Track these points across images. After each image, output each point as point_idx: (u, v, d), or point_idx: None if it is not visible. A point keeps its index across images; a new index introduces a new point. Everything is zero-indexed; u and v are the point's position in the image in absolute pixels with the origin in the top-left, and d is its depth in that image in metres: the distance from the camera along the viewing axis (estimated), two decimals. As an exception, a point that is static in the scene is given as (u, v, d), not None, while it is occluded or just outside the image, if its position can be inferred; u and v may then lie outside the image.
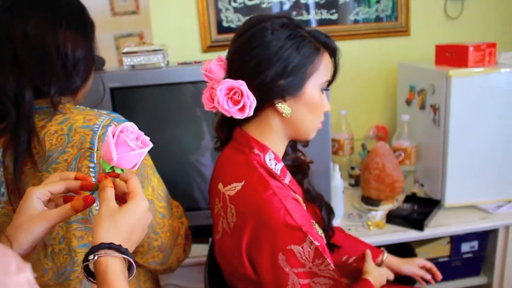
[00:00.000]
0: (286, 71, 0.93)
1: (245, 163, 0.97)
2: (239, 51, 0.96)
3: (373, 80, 2.19)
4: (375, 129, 2.18)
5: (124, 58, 1.57)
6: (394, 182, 1.75)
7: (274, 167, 1.00)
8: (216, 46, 1.98)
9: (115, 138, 0.70)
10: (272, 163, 1.00)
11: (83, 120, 0.90)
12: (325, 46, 0.99)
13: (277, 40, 0.93)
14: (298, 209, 0.92)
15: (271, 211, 0.88)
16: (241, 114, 0.92)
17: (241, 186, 0.93)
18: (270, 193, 0.90)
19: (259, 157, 0.99)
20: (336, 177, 1.72)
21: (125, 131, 0.71)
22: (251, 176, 0.94)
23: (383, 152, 1.77)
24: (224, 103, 0.92)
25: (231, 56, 0.98)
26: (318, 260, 0.89)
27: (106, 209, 0.69)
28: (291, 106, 0.97)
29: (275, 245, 0.88)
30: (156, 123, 1.57)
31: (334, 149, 2.06)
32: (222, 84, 0.92)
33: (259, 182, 0.92)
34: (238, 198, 0.93)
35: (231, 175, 0.97)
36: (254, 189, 0.91)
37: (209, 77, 0.98)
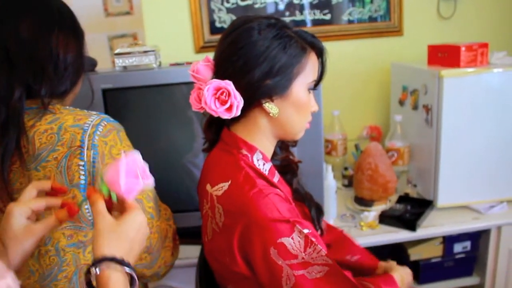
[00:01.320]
0: (273, 71, 0.93)
1: (232, 163, 0.98)
2: (226, 51, 0.96)
3: (366, 80, 2.19)
4: (368, 130, 2.18)
5: (116, 59, 1.57)
6: (387, 183, 1.75)
7: (262, 167, 1.00)
8: (209, 47, 1.98)
9: (125, 165, 0.70)
10: (260, 163, 1.00)
11: (73, 119, 0.92)
12: (312, 46, 0.99)
13: (264, 40, 0.93)
14: (284, 203, 0.93)
15: (258, 208, 0.89)
16: (228, 114, 0.93)
17: (228, 186, 0.94)
18: (257, 191, 0.91)
19: (246, 157, 0.99)
20: (329, 177, 1.72)
21: (135, 161, 0.72)
22: (237, 176, 0.94)
23: (376, 152, 1.77)
24: (211, 103, 0.92)
25: (218, 56, 0.99)
26: (309, 249, 0.90)
27: (103, 223, 0.69)
28: (278, 106, 0.97)
29: (266, 240, 0.89)
30: (148, 125, 1.57)
31: (327, 150, 2.07)
32: (209, 84, 0.93)
33: (246, 181, 0.93)
34: (225, 198, 0.94)
35: (219, 175, 0.97)
36: (241, 188, 0.92)
37: (197, 77, 0.98)
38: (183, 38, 2.01)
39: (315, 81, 1.02)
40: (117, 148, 0.94)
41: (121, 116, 1.53)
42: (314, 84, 1.02)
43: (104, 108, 1.48)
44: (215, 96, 0.93)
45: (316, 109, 1.05)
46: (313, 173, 1.58)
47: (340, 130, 2.06)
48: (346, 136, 2.08)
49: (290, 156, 1.16)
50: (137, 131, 1.58)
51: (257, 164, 0.99)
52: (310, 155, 1.55)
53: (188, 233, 1.38)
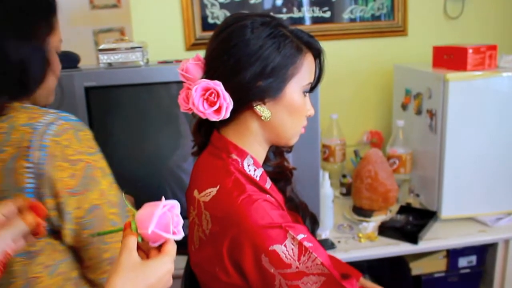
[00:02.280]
0: (266, 71, 0.93)
1: (221, 168, 0.98)
2: (216, 49, 0.96)
3: (367, 82, 2.20)
4: (368, 135, 2.19)
5: (101, 55, 1.57)
6: (387, 192, 1.76)
7: (253, 173, 1.01)
8: (200, 44, 1.98)
9: (162, 211, 0.71)
10: (251, 168, 1.00)
11: (27, 118, 0.91)
12: (309, 46, 1.00)
13: (257, 39, 0.93)
14: (275, 209, 0.93)
15: (247, 214, 0.89)
16: (217, 116, 0.93)
17: (216, 191, 0.94)
18: (246, 197, 0.91)
19: (237, 162, 0.99)
20: (326, 185, 1.73)
21: (173, 211, 0.72)
22: (226, 181, 0.94)
23: (376, 159, 1.78)
24: (199, 104, 0.92)
25: (209, 55, 0.99)
26: (304, 257, 0.90)
27: (127, 259, 0.69)
28: (271, 109, 0.97)
29: (257, 247, 0.89)
30: (134, 126, 1.57)
31: (325, 156, 2.07)
32: (198, 84, 0.93)
33: (235, 186, 0.93)
34: (213, 204, 0.94)
35: (207, 181, 0.98)
36: (229, 194, 0.92)
37: (186, 77, 0.98)
38: (173, 34, 2.00)
39: (311, 84, 1.02)
40: (73, 149, 0.91)
41: (105, 117, 1.54)
42: (310, 87, 1.02)
43: (87, 108, 1.48)
44: (203, 97, 0.93)
45: (312, 113, 1.05)
46: (309, 180, 1.58)
47: (339, 135, 2.06)
48: (345, 141, 2.08)
49: (284, 163, 1.16)
50: (122, 133, 1.58)
51: (247, 169, 0.99)
52: (306, 161, 1.55)
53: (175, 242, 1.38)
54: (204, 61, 1.00)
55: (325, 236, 1.69)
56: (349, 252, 1.61)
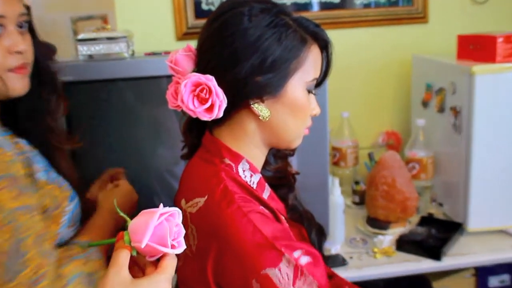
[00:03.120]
0: (265, 65, 0.93)
1: (212, 175, 0.98)
2: (209, 39, 0.97)
3: (383, 76, 2.20)
4: (384, 136, 2.19)
5: (80, 46, 1.57)
6: (406, 200, 1.76)
7: (249, 179, 1.01)
8: (193, 33, 1.99)
9: (158, 221, 0.69)
10: (246, 174, 1.01)
11: None
12: (314, 37, 1.00)
13: (255, 28, 0.93)
14: (268, 223, 0.93)
15: (236, 230, 0.89)
16: (209, 115, 0.93)
17: (203, 202, 0.94)
18: (235, 208, 0.91)
19: (230, 168, 0.99)
20: (336, 193, 1.73)
21: (171, 220, 0.71)
22: (215, 190, 0.94)
23: (393, 163, 1.78)
24: (189, 102, 0.93)
25: (201, 45, 0.99)
26: (299, 281, 0.90)
27: (115, 277, 0.68)
28: (270, 107, 0.98)
29: (247, 270, 0.88)
30: (118, 126, 1.57)
31: (335, 160, 2.07)
32: (187, 78, 0.93)
33: (223, 196, 0.93)
34: (200, 216, 0.94)
35: (195, 189, 0.98)
36: (217, 205, 0.92)
37: (175, 69, 0.99)
38: (162, 23, 2.01)
39: (316, 80, 1.02)
40: None
41: (84, 116, 1.55)
42: (315, 83, 1.03)
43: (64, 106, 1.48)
44: (193, 93, 0.93)
45: (317, 112, 1.05)
46: (316, 187, 1.58)
47: (350, 136, 2.06)
48: (358, 143, 2.09)
49: (286, 167, 1.17)
50: (105, 134, 1.58)
51: (242, 175, 1.00)
52: (313, 166, 1.55)
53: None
54: (196, 52, 1.00)
55: (335, 251, 1.69)
56: (362, 270, 1.60)
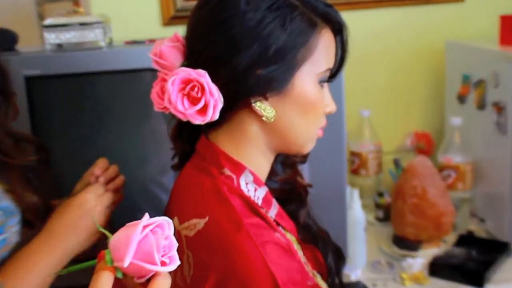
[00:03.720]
0: (267, 56, 0.93)
1: (211, 190, 0.97)
2: (200, 27, 0.97)
3: (410, 66, 2.21)
4: (413, 138, 2.19)
5: (46, 33, 1.57)
6: (440, 216, 1.76)
7: (254, 193, 1.01)
8: (182, 17, 1.99)
9: (141, 235, 0.68)
10: (250, 188, 1.00)
11: None
12: (326, 19, 0.99)
13: (255, 11, 0.93)
14: (283, 259, 0.92)
15: (242, 263, 0.89)
16: (202, 117, 0.92)
17: (203, 224, 0.93)
18: (243, 237, 0.90)
19: (231, 180, 0.99)
20: (355, 207, 1.73)
21: (159, 232, 0.70)
22: (218, 210, 0.94)
23: (424, 171, 1.78)
24: (177, 102, 0.92)
25: (190, 34, 0.99)
26: None
27: None
28: (275, 106, 0.97)
29: None
30: (93, 129, 1.57)
31: (353, 167, 2.08)
32: (176, 75, 0.92)
33: (229, 219, 0.92)
34: (198, 241, 0.93)
35: (191, 207, 0.97)
36: (221, 230, 0.92)
37: (160, 64, 0.99)
38: (145, 5, 2.02)
39: (330, 70, 1.02)
40: None
41: (52, 117, 1.55)
42: (329, 74, 1.03)
43: (28, 105, 1.48)
44: (183, 91, 0.92)
45: (332, 109, 1.05)
46: (332, 201, 1.58)
47: (372, 138, 2.07)
48: (381, 147, 2.09)
49: (296, 177, 1.17)
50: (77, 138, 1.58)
51: (245, 189, 1.00)
52: (328, 175, 1.55)
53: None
54: (185, 42, 1.00)
55: (355, 277, 1.69)
56: (388, 300, 1.61)
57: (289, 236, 1.05)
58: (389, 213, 1.96)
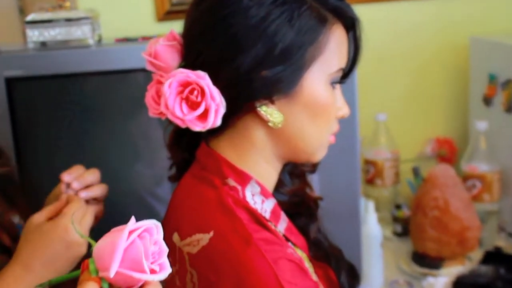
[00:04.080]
0: (273, 55, 0.93)
1: (214, 202, 0.98)
2: (198, 24, 0.97)
3: (431, 65, 2.21)
4: (434, 144, 2.19)
5: (29, 30, 1.58)
6: (464, 230, 1.76)
7: (261, 206, 1.01)
8: (178, 12, 2.00)
9: (127, 242, 0.68)
10: (257, 200, 1.01)
11: None
12: (337, 14, 1.00)
13: (259, 6, 0.93)
14: (298, 278, 0.92)
15: (253, 282, 0.89)
16: (202, 124, 0.93)
17: (208, 240, 0.93)
18: (253, 252, 0.90)
19: (236, 191, 0.99)
20: (371, 221, 1.74)
21: (147, 237, 0.70)
22: (223, 224, 0.94)
23: (446, 180, 1.78)
24: (175, 107, 0.92)
25: (188, 32, 1.00)
26: None
27: None
28: (282, 110, 0.98)
29: None
30: (81, 136, 1.57)
31: (368, 176, 2.08)
32: (173, 77, 0.93)
33: (237, 233, 0.93)
34: (203, 259, 0.93)
35: (193, 221, 0.98)
36: (228, 245, 0.92)
37: (155, 65, 0.99)
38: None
39: (343, 70, 1.03)
40: None
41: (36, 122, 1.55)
42: (341, 74, 1.03)
43: (9, 109, 1.49)
44: (181, 95, 0.93)
45: (345, 112, 1.06)
46: (344, 214, 1.58)
47: (389, 144, 2.07)
48: (398, 154, 2.09)
49: (305, 189, 1.17)
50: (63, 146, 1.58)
51: (251, 201, 1.00)
52: (340, 186, 1.56)
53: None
54: (182, 41, 1.01)
55: (371, 298, 1.70)
56: (407, 323, 1.61)
57: (300, 252, 1.05)
58: (408, 227, 1.96)
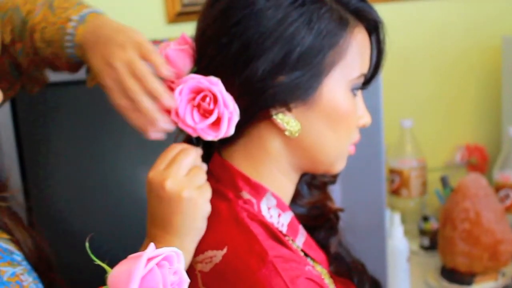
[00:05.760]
0: (290, 60, 0.93)
1: (228, 216, 0.98)
2: (212, 27, 0.97)
3: (460, 68, 2.21)
4: (463, 152, 2.19)
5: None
6: (497, 244, 1.75)
7: (277, 220, 1.01)
8: (189, 13, 2.01)
9: (145, 269, 0.68)
10: (273, 213, 1.01)
11: None
12: (359, 16, 1.00)
13: (275, 8, 0.93)
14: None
15: None
16: (215, 133, 0.93)
17: (221, 257, 0.93)
18: (269, 271, 0.90)
19: (250, 205, 0.99)
20: (396, 234, 1.73)
21: (166, 266, 0.70)
22: (237, 240, 0.94)
23: (477, 191, 1.77)
24: (186, 115, 0.93)
25: (201, 35, 1.00)
26: None
27: None
28: (300, 119, 0.97)
29: None
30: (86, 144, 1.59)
31: (393, 187, 2.08)
32: (184, 83, 0.93)
33: (251, 250, 0.92)
34: (216, 278, 0.93)
35: (206, 237, 0.97)
36: (243, 263, 0.92)
37: (166, 70, 1.00)
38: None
39: (364, 75, 1.03)
40: None
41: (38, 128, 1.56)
42: (363, 80, 1.03)
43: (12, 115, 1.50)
44: (192, 103, 0.93)
45: (367, 122, 1.06)
46: (369, 227, 1.59)
47: (415, 153, 2.07)
48: (425, 163, 2.09)
49: (325, 201, 1.17)
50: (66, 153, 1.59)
51: (267, 215, 1.00)
52: (363, 197, 1.56)
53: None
54: (194, 45, 1.01)
55: (397, 316, 1.69)
56: None
57: (319, 268, 1.05)
58: (436, 240, 1.96)
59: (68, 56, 1.01)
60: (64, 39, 0.99)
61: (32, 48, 1.06)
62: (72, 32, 0.99)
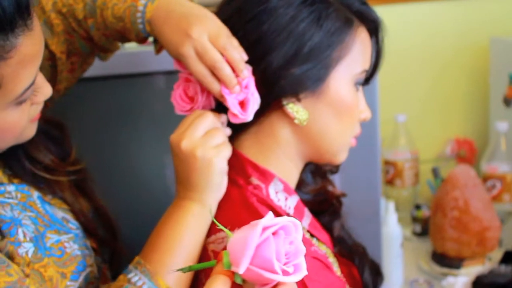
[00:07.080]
0: (301, 54, 0.96)
1: (239, 201, 1.00)
2: (229, 22, 0.99)
3: (451, 66, 2.22)
4: (453, 145, 2.20)
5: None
6: (484, 230, 1.77)
7: (284, 203, 1.03)
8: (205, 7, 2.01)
9: (261, 238, 0.67)
10: (280, 197, 1.03)
11: None
12: (362, 17, 1.03)
13: (287, 6, 0.97)
14: (322, 275, 0.94)
15: None
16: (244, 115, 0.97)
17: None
18: None
19: (259, 189, 1.01)
20: (391, 221, 1.75)
21: (282, 236, 0.69)
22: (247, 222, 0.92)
23: (466, 181, 1.79)
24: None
25: None
26: None
27: None
28: (309, 108, 1.00)
29: None
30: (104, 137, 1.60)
31: (388, 177, 2.10)
32: None
33: None
34: None
35: (218, 219, 0.96)
36: None
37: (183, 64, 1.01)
38: None
39: (366, 72, 1.05)
40: None
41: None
42: (365, 76, 1.05)
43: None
44: None
45: (367, 116, 1.08)
46: (365, 214, 1.60)
47: (408, 145, 2.08)
48: (418, 155, 2.10)
49: (327, 187, 1.19)
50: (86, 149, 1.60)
51: (275, 199, 1.02)
52: (360, 187, 1.58)
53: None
54: None
55: (392, 297, 1.71)
56: (427, 322, 1.62)
57: (324, 248, 1.06)
58: (427, 227, 1.96)
59: (139, 31, 1.04)
60: (136, 16, 1.03)
61: (103, 23, 1.08)
62: (143, 10, 1.02)
